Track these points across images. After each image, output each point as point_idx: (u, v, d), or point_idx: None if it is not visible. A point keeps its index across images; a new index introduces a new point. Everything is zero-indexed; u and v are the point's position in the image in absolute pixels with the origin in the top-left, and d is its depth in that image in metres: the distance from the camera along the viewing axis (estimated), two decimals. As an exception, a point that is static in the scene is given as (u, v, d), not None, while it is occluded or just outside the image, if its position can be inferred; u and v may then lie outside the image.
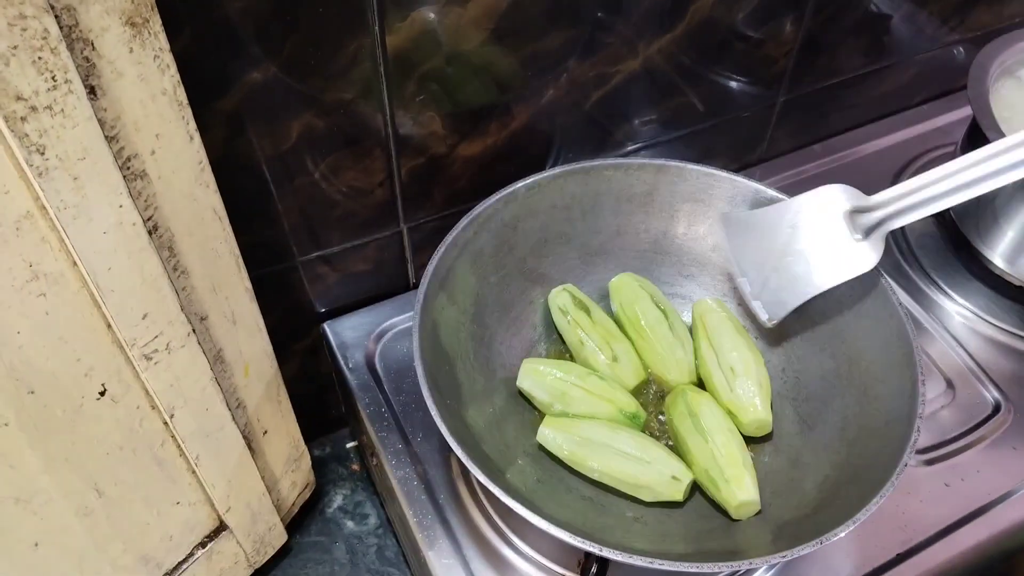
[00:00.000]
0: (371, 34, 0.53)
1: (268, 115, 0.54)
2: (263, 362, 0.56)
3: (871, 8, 0.76)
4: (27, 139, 0.34)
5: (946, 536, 0.60)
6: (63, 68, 0.34)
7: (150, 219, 0.42)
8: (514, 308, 0.64)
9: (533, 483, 0.56)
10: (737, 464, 0.55)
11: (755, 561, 0.48)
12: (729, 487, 0.55)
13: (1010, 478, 0.63)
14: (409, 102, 0.58)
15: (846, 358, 0.59)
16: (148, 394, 0.47)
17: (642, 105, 0.71)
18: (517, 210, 0.62)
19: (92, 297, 0.41)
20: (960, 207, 0.73)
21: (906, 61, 0.84)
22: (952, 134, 0.87)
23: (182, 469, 0.53)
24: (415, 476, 0.61)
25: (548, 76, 0.63)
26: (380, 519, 0.73)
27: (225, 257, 0.49)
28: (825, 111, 0.84)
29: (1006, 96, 0.73)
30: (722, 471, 0.55)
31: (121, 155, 0.38)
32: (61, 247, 0.38)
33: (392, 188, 0.63)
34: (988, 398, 0.67)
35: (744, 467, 0.56)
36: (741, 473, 0.55)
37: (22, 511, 0.45)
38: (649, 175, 0.64)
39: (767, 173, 0.83)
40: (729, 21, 0.68)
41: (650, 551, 0.46)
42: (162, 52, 0.38)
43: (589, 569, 0.54)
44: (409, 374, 0.66)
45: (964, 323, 0.72)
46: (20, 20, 0.31)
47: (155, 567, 0.56)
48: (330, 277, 0.67)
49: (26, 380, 0.41)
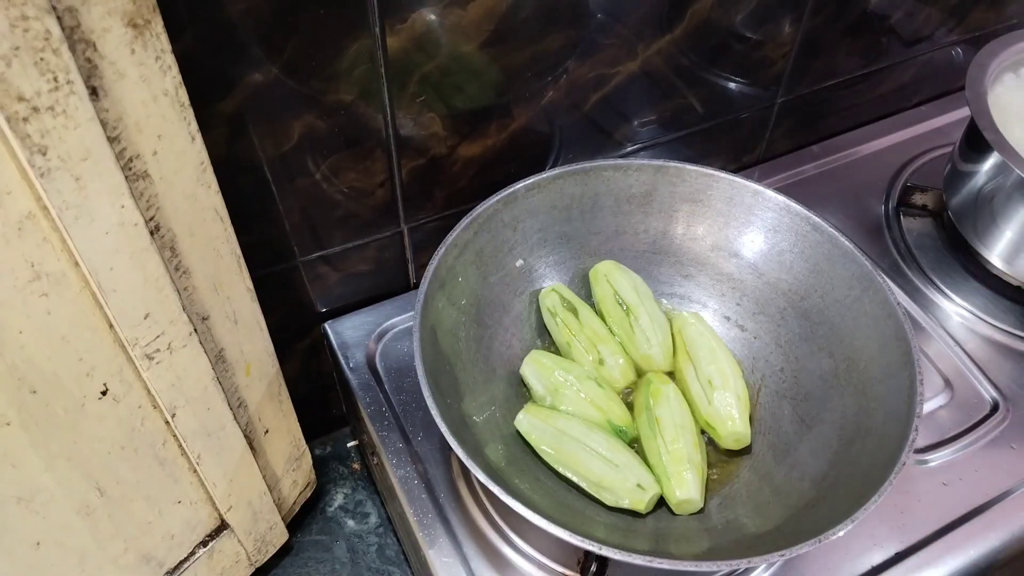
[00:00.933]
0: (372, 36, 0.53)
1: (269, 116, 0.54)
2: (264, 362, 0.56)
3: (869, 9, 0.76)
4: (29, 140, 0.34)
5: (944, 535, 0.60)
6: (65, 69, 0.34)
7: (152, 219, 0.42)
8: (514, 308, 0.64)
9: (533, 482, 0.56)
10: (681, 461, 0.56)
11: (754, 560, 0.48)
12: (670, 484, 0.55)
13: (1008, 477, 0.63)
14: (410, 103, 0.58)
15: (845, 358, 0.59)
16: (150, 393, 0.47)
17: (641, 106, 0.71)
18: (517, 210, 0.62)
19: (94, 297, 0.41)
20: (958, 207, 0.73)
21: (904, 62, 0.85)
22: (950, 135, 0.87)
23: (183, 468, 0.53)
24: (415, 475, 0.61)
25: (548, 77, 0.63)
26: (381, 518, 0.73)
27: (226, 257, 0.49)
28: (823, 112, 0.84)
29: (1004, 97, 0.74)
30: (666, 467, 0.56)
31: (123, 156, 0.39)
32: (63, 247, 0.39)
33: (393, 189, 0.63)
34: (986, 398, 0.67)
35: (688, 464, 0.56)
36: (681, 470, 0.55)
37: (24, 510, 0.45)
38: (648, 176, 0.64)
39: (766, 174, 0.83)
40: (728, 22, 0.68)
41: (650, 550, 0.47)
42: (164, 53, 0.38)
43: (589, 568, 0.54)
44: (409, 374, 0.66)
45: (962, 323, 0.72)
46: (22, 21, 0.32)
47: (157, 566, 0.56)
48: (331, 277, 0.67)
49: (28, 379, 0.41)
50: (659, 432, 0.57)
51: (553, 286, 0.65)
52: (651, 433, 0.58)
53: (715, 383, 0.60)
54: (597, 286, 0.65)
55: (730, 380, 0.60)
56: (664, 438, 0.57)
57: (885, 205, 0.81)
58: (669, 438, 0.57)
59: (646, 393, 0.60)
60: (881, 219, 0.79)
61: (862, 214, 0.80)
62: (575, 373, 0.60)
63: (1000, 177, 0.68)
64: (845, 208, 0.80)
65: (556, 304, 0.64)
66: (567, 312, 0.63)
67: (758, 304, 0.65)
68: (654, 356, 0.63)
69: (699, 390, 0.60)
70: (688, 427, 0.58)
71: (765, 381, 0.63)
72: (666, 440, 0.57)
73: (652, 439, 0.58)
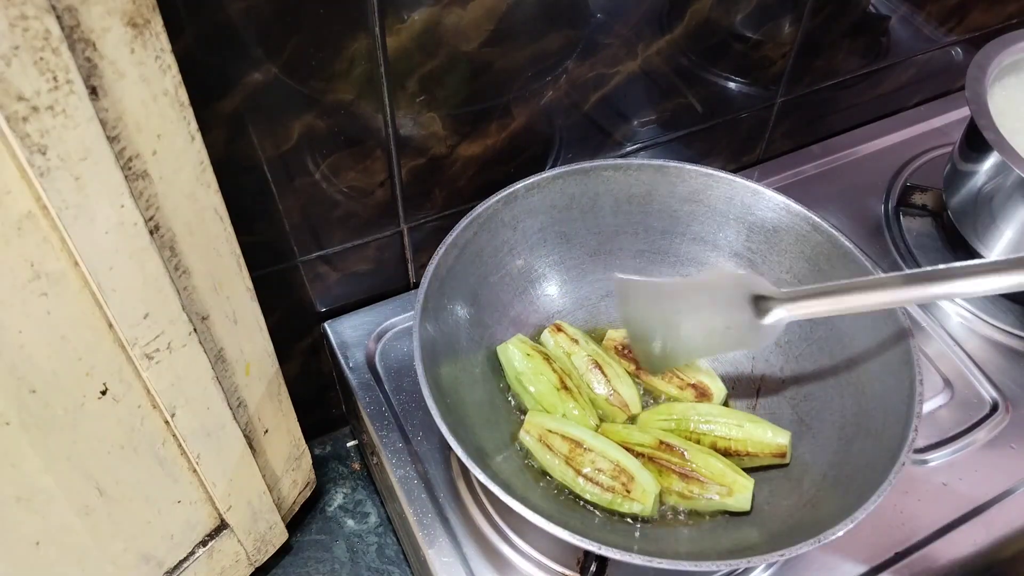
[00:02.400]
0: (372, 35, 0.53)
1: (269, 116, 0.54)
2: (264, 361, 0.56)
3: (869, 9, 0.76)
4: (29, 139, 0.34)
5: (944, 535, 0.60)
6: (65, 68, 0.34)
7: (151, 219, 0.42)
8: (514, 308, 0.64)
9: (533, 482, 0.56)
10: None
11: (753, 560, 0.48)
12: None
13: (1008, 477, 0.63)
14: (409, 103, 0.58)
15: (844, 358, 0.59)
16: (149, 393, 0.47)
17: (641, 106, 0.71)
18: (517, 210, 0.62)
19: (93, 297, 0.41)
20: (958, 207, 0.73)
21: (904, 62, 0.85)
22: (950, 135, 0.87)
23: (183, 468, 0.53)
24: (415, 475, 0.61)
25: (547, 77, 0.63)
26: (380, 518, 0.73)
27: (226, 257, 0.49)
28: (823, 112, 0.84)
29: (1004, 97, 0.74)
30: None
31: (122, 155, 0.39)
32: (63, 247, 0.39)
33: (392, 188, 0.63)
34: (986, 397, 0.67)
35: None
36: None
37: (23, 510, 0.45)
38: (648, 176, 0.64)
39: (766, 174, 0.83)
40: (727, 22, 0.68)
41: (649, 550, 0.47)
42: (163, 53, 0.38)
43: (588, 567, 0.54)
44: (409, 373, 0.66)
45: (962, 323, 0.72)
46: (22, 20, 0.32)
47: (156, 566, 0.56)
48: (331, 277, 0.67)
49: (28, 379, 0.41)
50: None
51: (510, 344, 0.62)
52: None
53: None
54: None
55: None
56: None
57: (885, 205, 0.81)
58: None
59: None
60: (881, 219, 0.79)
61: (862, 214, 0.80)
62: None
63: (1000, 177, 0.68)
64: (845, 208, 0.80)
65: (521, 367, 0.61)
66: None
67: (758, 304, 0.65)
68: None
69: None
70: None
71: (764, 381, 0.63)
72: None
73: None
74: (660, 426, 0.60)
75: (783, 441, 0.57)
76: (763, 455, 0.58)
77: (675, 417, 0.60)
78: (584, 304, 0.67)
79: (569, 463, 0.56)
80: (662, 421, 0.60)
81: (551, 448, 0.57)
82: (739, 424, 0.58)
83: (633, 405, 0.61)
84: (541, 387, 0.60)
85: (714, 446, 0.58)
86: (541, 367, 0.60)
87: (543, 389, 0.60)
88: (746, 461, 0.58)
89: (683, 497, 0.56)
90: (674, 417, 0.60)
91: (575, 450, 0.56)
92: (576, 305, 0.67)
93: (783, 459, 0.57)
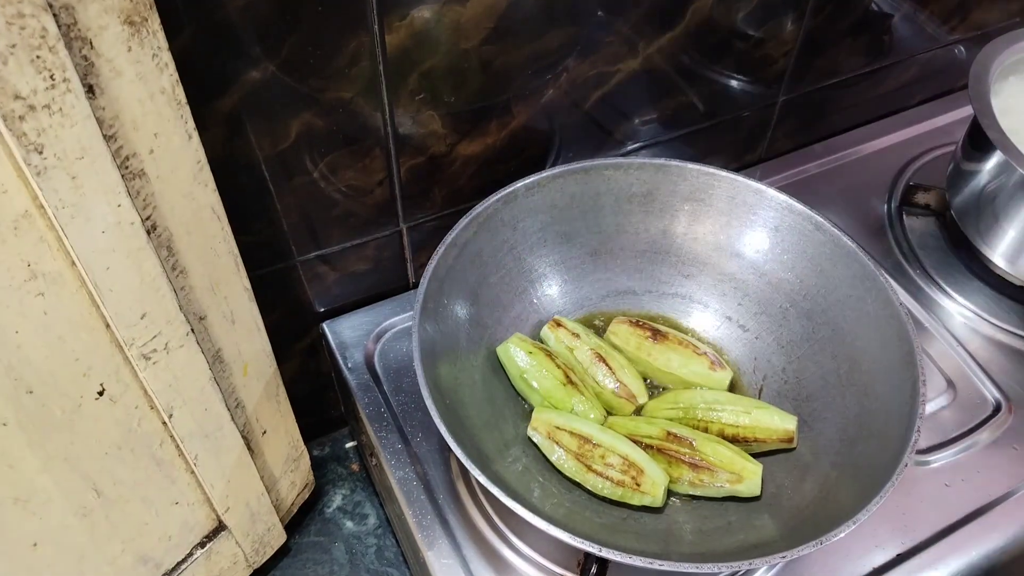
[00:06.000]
0: (371, 33, 0.53)
1: (267, 114, 0.53)
2: (262, 362, 0.56)
3: (871, 7, 0.76)
4: (25, 138, 0.34)
5: (946, 536, 0.60)
6: (61, 67, 0.33)
7: (148, 218, 0.42)
8: (514, 308, 0.64)
9: (532, 483, 0.56)
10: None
11: (755, 561, 0.48)
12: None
13: (1010, 478, 0.62)
14: (408, 101, 0.58)
15: (847, 358, 0.59)
16: (147, 394, 0.47)
17: (642, 104, 0.71)
18: (517, 209, 0.62)
19: (90, 296, 0.41)
20: (961, 206, 0.73)
21: (907, 60, 0.84)
22: (953, 134, 0.87)
23: (181, 469, 0.53)
24: (414, 476, 0.61)
25: (548, 75, 0.63)
26: (379, 519, 0.73)
27: (224, 256, 0.49)
28: (825, 111, 0.84)
29: (1007, 95, 0.73)
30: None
31: (119, 154, 0.38)
32: (59, 246, 0.38)
33: (391, 187, 0.63)
34: (989, 398, 0.67)
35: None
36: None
37: (21, 511, 0.45)
38: (649, 175, 0.64)
39: (767, 173, 0.83)
40: (729, 20, 0.68)
41: (650, 551, 0.46)
42: (161, 51, 0.38)
43: (589, 569, 0.54)
44: (409, 374, 0.66)
45: (965, 323, 0.72)
46: (18, 19, 0.31)
47: (154, 567, 0.56)
48: (329, 277, 0.67)
49: (25, 380, 0.40)
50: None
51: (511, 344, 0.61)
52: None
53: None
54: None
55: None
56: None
57: (887, 204, 0.80)
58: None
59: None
60: (883, 218, 0.79)
61: (864, 213, 0.79)
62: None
63: (1003, 176, 0.68)
64: (847, 207, 0.80)
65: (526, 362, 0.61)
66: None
67: (760, 304, 0.64)
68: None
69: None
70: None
71: (767, 381, 0.63)
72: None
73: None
74: (667, 415, 0.60)
75: (790, 426, 0.58)
76: (771, 440, 0.58)
77: (682, 405, 0.60)
78: (585, 304, 0.67)
79: (579, 458, 0.56)
80: (669, 409, 0.60)
81: (560, 444, 0.57)
82: (746, 411, 0.59)
83: (640, 395, 0.61)
84: (547, 383, 0.60)
85: (722, 433, 0.59)
86: (544, 363, 0.60)
87: (549, 385, 0.60)
88: (754, 447, 0.58)
89: (693, 486, 0.56)
90: (681, 405, 0.60)
91: (584, 446, 0.56)
92: (576, 305, 0.67)
93: (790, 444, 0.58)
